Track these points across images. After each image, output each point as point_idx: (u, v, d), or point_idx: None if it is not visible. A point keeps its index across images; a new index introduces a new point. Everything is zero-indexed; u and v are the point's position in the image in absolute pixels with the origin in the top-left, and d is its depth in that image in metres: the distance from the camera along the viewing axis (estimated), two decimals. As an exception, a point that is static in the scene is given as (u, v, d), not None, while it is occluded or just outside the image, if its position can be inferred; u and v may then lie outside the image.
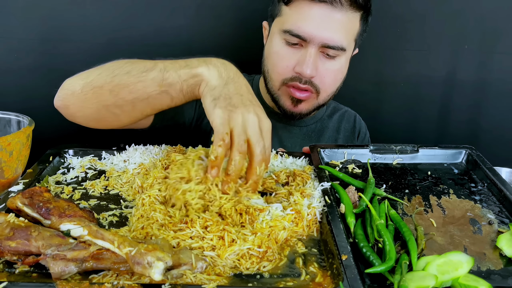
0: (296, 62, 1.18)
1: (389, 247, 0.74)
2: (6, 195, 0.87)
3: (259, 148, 0.84)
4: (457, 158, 1.08)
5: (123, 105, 0.98)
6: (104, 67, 1.00)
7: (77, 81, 1.01)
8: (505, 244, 0.78)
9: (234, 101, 0.86)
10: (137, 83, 0.94)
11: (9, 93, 1.52)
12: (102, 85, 0.97)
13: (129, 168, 1.02)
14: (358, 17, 1.18)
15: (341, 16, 1.14)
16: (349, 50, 1.22)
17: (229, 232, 0.76)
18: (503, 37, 1.58)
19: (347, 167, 1.05)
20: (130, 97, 0.96)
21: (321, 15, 1.13)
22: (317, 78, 1.20)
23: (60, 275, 0.67)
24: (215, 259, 0.73)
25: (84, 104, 1.00)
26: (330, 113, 1.45)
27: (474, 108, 1.67)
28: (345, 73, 1.28)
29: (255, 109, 0.86)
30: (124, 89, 0.95)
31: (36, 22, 1.48)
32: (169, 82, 0.93)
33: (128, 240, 0.70)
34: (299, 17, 1.15)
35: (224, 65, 0.93)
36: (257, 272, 0.72)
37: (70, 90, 1.01)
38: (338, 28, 1.15)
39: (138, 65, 0.97)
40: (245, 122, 0.84)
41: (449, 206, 0.92)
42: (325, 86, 1.23)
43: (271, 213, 0.83)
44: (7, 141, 0.90)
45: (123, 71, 0.96)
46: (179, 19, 1.53)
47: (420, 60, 1.62)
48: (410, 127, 1.71)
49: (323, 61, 1.19)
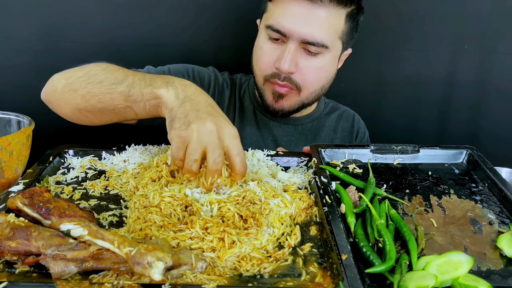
0: (277, 57, 1.19)
1: (389, 247, 0.74)
2: (6, 195, 0.87)
3: (212, 157, 0.83)
4: (458, 158, 1.08)
5: (92, 111, 1.02)
6: (86, 70, 1.04)
7: (60, 79, 1.05)
8: (505, 244, 0.78)
9: (189, 118, 0.85)
10: (106, 94, 0.98)
11: (9, 93, 1.52)
12: (77, 89, 1.01)
13: (129, 168, 1.02)
14: (342, 15, 1.17)
15: (322, 12, 1.13)
16: (334, 48, 1.20)
17: (230, 234, 0.76)
18: (503, 37, 1.58)
19: (347, 167, 1.05)
20: (99, 106, 1.00)
21: (301, 11, 1.13)
22: (297, 75, 1.20)
23: (60, 275, 0.67)
24: (215, 260, 0.73)
25: (61, 103, 1.05)
26: (328, 112, 1.45)
27: (474, 108, 1.67)
28: (332, 72, 1.26)
29: (213, 119, 0.85)
30: (94, 98, 0.99)
31: (36, 22, 1.48)
32: (134, 99, 0.96)
33: (128, 240, 0.70)
34: (280, 13, 1.16)
35: (183, 86, 0.93)
36: (257, 273, 0.72)
37: (54, 87, 1.05)
38: (318, 24, 1.14)
39: (112, 75, 1.00)
40: (200, 135, 0.83)
41: (449, 206, 0.92)
42: (307, 83, 1.22)
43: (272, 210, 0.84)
44: (7, 141, 0.89)
45: (97, 80, 1.00)
46: (179, 19, 1.53)
47: (420, 60, 1.62)
48: (410, 127, 1.71)
49: (304, 58, 1.18)
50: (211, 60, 1.52)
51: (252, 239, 0.77)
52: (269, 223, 0.81)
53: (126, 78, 0.98)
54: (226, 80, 1.40)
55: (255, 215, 0.82)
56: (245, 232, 0.79)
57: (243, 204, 0.85)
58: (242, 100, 1.38)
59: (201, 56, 1.56)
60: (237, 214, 0.82)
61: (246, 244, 0.75)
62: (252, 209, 0.84)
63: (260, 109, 1.36)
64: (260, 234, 0.78)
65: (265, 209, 0.84)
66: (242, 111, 1.37)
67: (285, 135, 1.37)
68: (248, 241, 0.76)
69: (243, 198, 0.86)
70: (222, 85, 1.38)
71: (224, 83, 1.39)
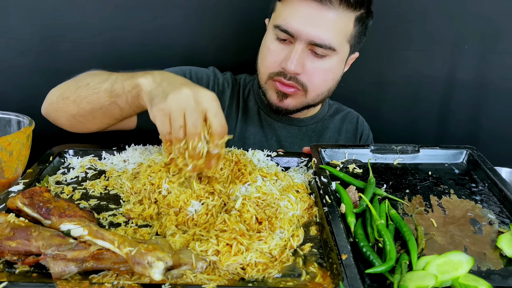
0: (283, 57, 1.18)
1: (390, 247, 0.74)
2: (6, 195, 0.87)
3: (190, 121, 0.84)
4: (458, 158, 1.08)
5: (84, 114, 1.06)
6: (76, 78, 1.09)
7: (55, 92, 1.11)
8: (505, 244, 0.78)
9: (166, 92, 0.87)
10: (92, 94, 1.02)
11: (9, 93, 1.52)
12: (69, 96, 1.06)
13: (129, 168, 1.02)
14: (351, 18, 1.16)
15: (331, 14, 1.12)
16: (341, 51, 1.19)
17: (240, 243, 0.73)
18: (503, 37, 1.58)
19: (347, 167, 1.05)
20: (88, 108, 1.04)
21: (310, 12, 1.12)
22: (304, 76, 1.19)
23: (60, 275, 0.67)
24: (216, 263, 0.72)
25: (58, 113, 1.10)
26: (332, 113, 1.44)
27: (474, 108, 1.67)
28: (338, 74, 1.26)
29: (188, 86, 0.86)
30: (84, 100, 1.03)
31: (36, 22, 1.48)
32: (117, 93, 0.98)
33: (128, 240, 0.70)
34: (289, 13, 1.15)
35: (161, 73, 0.95)
36: (262, 278, 0.71)
37: (50, 100, 1.11)
38: (326, 26, 1.13)
39: (97, 77, 1.04)
40: (179, 102, 0.84)
41: (449, 206, 0.92)
42: (313, 85, 1.21)
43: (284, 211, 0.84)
44: (7, 141, 0.90)
45: (84, 83, 1.04)
46: (179, 19, 1.53)
47: (420, 60, 1.62)
48: (410, 127, 1.71)
49: (311, 59, 1.17)
50: (212, 60, 1.52)
51: (261, 243, 0.76)
52: (280, 226, 0.81)
53: (110, 77, 1.01)
54: (227, 80, 1.39)
55: (271, 219, 0.81)
56: (257, 236, 0.77)
57: (262, 207, 0.84)
58: (246, 100, 1.38)
59: (202, 56, 1.55)
60: (255, 216, 0.81)
61: (254, 251, 0.73)
62: (267, 212, 0.83)
63: (264, 110, 1.36)
64: (270, 238, 0.77)
65: (280, 212, 0.83)
66: (246, 111, 1.37)
67: (289, 136, 1.37)
68: (257, 245, 0.75)
69: (263, 201, 0.85)
70: (223, 84, 1.37)
71: (225, 82, 1.38)
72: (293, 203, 0.87)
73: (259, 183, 0.90)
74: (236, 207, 0.82)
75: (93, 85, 1.02)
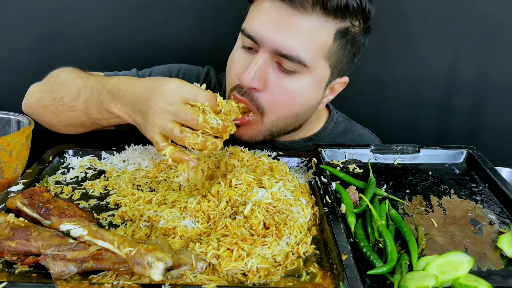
0: (244, 69, 0.99)
1: (391, 248, 0.74)
2: (6, 195, 0.87)
3: (185, 120, 0.86)
4: (458, 158, 1.08)
5: (65, 125, 1.08)
6: (50, 82, 1.08)
7: (34, 93, 1.10)
8: (505, 245, 0.78)
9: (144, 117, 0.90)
10: (70, 112, 1.03)
11: (8, 93, 1.52)
12: (47, 105, 1.06)
13: (128, 168, 1.02)
14: (331, 29, 0.97)
15: (303, 21, 0.95)
16: (316, 69, 1.00)
17: (241, 249, 0.72)
18: (503, 37, 1.58)
19: (348, 167, 1.05)
20: (69, 122, 1.06)
21: (278, 15, 0.95)
22: (264, 94, 1.00)
23: (60, 275, 0.67)
24: (216, 267, 0.71)
25: (38, 117, 1.10)
26: (337, 134, 1.23)
27: (474, 108, 1.67)
28: (311, 99, 1.05)
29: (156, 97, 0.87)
30: (62, 115, 1.04)
31: (36, 22, 1.48)
32: (95, 117, 1.01)
33: (128, 240, 0.70)
34: (254, 15, 1.00)
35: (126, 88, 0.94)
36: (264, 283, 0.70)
37: (30, 100, 1.11)
38: (295, 33, 0.95)
39: (68, 90, 1.03)
40: (162, 119, 0.87)
41: (450, 206, 0.92)
42: (273, 106, 1.01)
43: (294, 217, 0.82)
44: (7, 141, 0.89)
45: (59, 96, 1.04)
46: (179, 19, 1.53)
47: (420, 60, 1.62)
48: (410, 127, 1.71)
49: (276, 74, 0.99)
50: (211, 60, 1.51)
51: (265, 248, 0.73)
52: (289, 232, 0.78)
53: (79, 94, 1.01)
54: (220, 82, 1.30)
55: (279, 226, 0.79)
56: (261, 240, 0.75)
57: (271, 213, 0.81)
58: None
59: (201, 56, 1.55)
60: (263, 222, 0.79)
61: (256, 256, 0.71)
62: (276, 218, 0.80)
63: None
64: (274, 243, 0.74)
65: (291, 219, 0.80)
66: None
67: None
68: (260, 250, 0.73)
69: (274, 207, 0.82)
70: (214, 86, 1.30)
71: (217, 85, 1.29)
72: (305, 208, 0.85)
73: (275, 189, 0.85)
74: (244, 213, 0.80)
75: (67, 101, 1.02)
